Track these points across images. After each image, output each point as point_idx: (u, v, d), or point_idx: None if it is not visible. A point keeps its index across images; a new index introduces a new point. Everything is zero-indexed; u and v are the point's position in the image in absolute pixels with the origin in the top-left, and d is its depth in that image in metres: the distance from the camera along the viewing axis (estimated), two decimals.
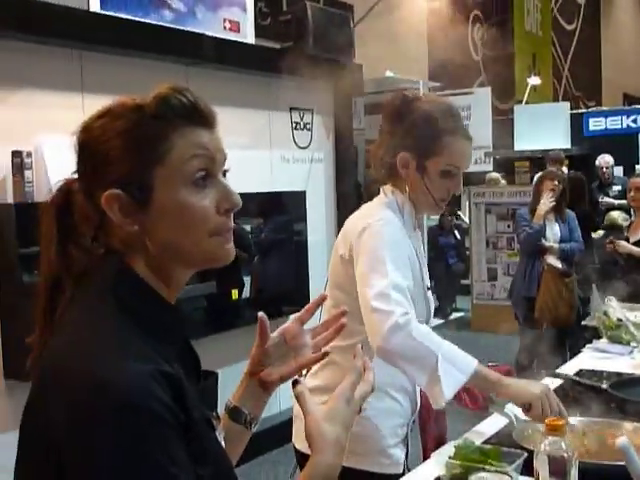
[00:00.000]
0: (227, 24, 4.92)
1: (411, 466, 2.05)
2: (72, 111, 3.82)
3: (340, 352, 1.99)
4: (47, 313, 1.08)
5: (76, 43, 4.01)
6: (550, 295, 5.45)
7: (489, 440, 1.97)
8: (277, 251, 5.41)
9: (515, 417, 1.96)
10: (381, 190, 2.06)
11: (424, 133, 1.98)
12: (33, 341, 1.08)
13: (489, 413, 2.10)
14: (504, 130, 10.52)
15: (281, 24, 5.39)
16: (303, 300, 2.34)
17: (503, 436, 1.96)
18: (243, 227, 4.92)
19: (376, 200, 2.06)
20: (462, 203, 10.20)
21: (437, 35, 14.41)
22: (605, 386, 2.31)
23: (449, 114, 2.03)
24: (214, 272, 4.71)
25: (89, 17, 4.11)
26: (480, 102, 9.85)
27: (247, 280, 5.33)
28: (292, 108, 5.55)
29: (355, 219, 2.04)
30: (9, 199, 3.69)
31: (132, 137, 1.04)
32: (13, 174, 3.66)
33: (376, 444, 1.99)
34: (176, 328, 1.09)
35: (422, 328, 1.83)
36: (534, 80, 13.63)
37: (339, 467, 1.12)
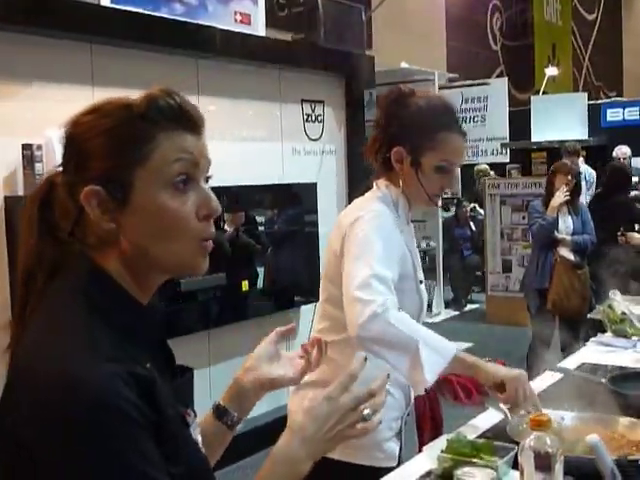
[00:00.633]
0: (238, 16, 4.93)
1: (406, 460, 2.06)
2: (83, 105, 3.83)
3: (334, 346, 2.02)
4: (21, 307, 1.08)
5: (87, 37, 4.05)
6: (562, 287, 5.44)
7: (484, 434, 1.97)
8: (289, 243, 5.43)
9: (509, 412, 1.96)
10: (375, 184, 2.07)
11: (419, 128, 1.99)
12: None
13: (485, 408, 2.10)
14: (523, 120, 10.45)
15: (293, 16, 5.39)
16: (314, 291, 2.36)
17: (497, 430, 1.96)
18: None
19: (369, 194, 2.07)
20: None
21: (456, 25, 14.36)
22: (604, 380, 2.30)
23: (444, 110, 2.04)
24: (229, 263, 4.78)
25: (100, 11, 4.14)
26: (497, 93, 9.77)
27: (261, 271, 5.39)
28: (303, 100, 5.54)
29: (348, 211, 2.05)
30: (20, 191, 3.73)
31: (117, 136, 1.05)
32: (24, 167, 3.70)
33: (370, 438, 1.97)
34: (147, 328, 1.09)
35: (400, 314, 1.82)
36: (551, 71, 13.53)
37: (306, 461, 1.13)
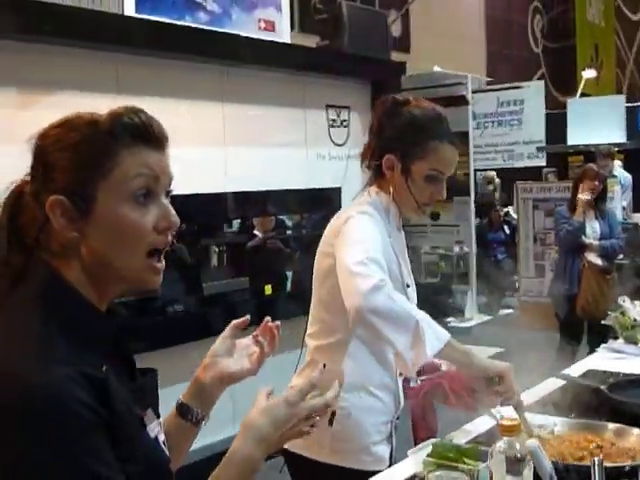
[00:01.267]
0: (262, 24, 4.99)
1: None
2: None
3: (322, 351, 2.06)
4: None
5: (112, 46, 4.14)
6: (591, 292, 5.40)
7: (475, 439, 1.99)
8: (315, 247, 5.48)
9: (501, 417, 1.97)
10: (366, 191, 2.10)
11: (410, 136, 2.01)
12: None
13: (478, 414, 2.11)
14: (560, 124, 10.32)
15: (318, 22, 5.44)
16: None
17: (489, 436, 1.97)
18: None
19: (360, 199, 2.10)
20: (514, 199, 10.05)
21: (496, 27, 14.26)
22: (603, 387, 2.29)
23: (437, 119, 2.05)
24: (253, 267, 4.87)
25: (124, 21, 4.24)
26: (534, 96, 9.65)
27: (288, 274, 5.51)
28: (328, 106, 5.59)
29: (341, 214, 2.08)
30: None
31: (82, 151, 1.11)
32: None
33: (359, 442, 2.01)
34: (103, 334, 1.13)
35: (398, 294, 1.83)
36: (589, 73, 13.29)
37: (259, 461, 1.18)
